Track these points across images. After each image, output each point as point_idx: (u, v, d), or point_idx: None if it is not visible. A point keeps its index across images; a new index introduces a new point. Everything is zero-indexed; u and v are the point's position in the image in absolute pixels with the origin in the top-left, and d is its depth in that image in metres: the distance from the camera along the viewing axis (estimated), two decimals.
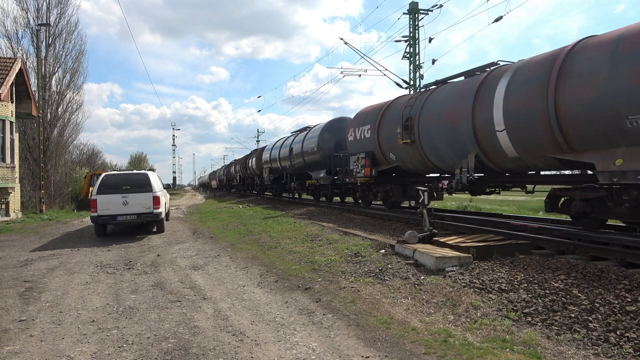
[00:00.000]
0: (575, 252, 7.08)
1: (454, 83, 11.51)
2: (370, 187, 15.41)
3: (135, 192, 12.87)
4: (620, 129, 6.93)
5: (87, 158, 48.54)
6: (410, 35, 24.13)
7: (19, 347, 4.54)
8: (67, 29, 31.68)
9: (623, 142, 7.02)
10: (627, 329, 4.26)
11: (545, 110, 7.95)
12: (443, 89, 11.55)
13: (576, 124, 7.57)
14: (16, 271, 8.36)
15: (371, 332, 4.71)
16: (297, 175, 23.26)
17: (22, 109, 20.52)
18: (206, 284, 7.02)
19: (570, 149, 7.84)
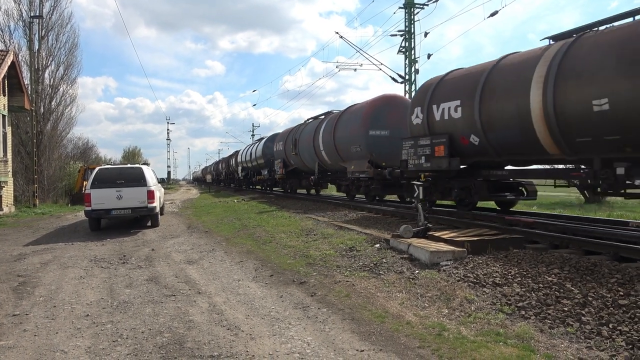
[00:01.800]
0: (568, 246, 7.11)
1: (310, 122, 20.59)
2: (285, 180, 24.23)
3: (129, 186, 12.81)
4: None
5: (81, 152, 48.23)
6: (405, 30, 24.09)
7: (13, 342, 4.52)
8: (60, 22, 31.40)
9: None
10: (619, 323, 4.30)
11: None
12: (307, 125, 20.26)
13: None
14: (9, 266, 8.31)
15: (366, 326, 4.73)
16: (256, 172, 31.14)
17: (15, 102, 20.34)
18: (201, 279, 7.01)
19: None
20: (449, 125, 10.18)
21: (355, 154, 15.58)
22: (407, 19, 24.09)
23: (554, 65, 7.63)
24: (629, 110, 6.53)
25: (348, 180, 16.90)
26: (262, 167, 28.63)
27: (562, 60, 7.51)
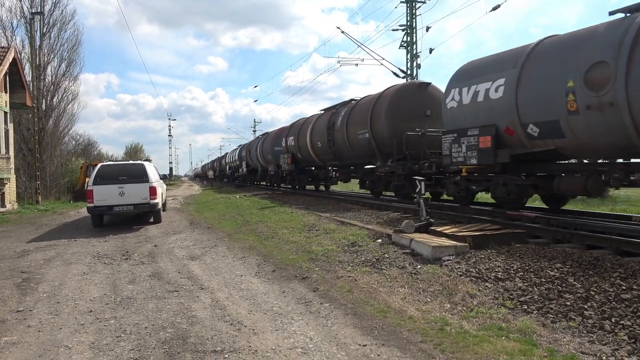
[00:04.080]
0: (571, 240, 7.11)
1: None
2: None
3: (131, 182, 12.82)
4: None
5: (82, 149, 48.24)
6: (407, 24, 24.00)
7: (17, 338, 4.54)
8: (63, 19, 31.41)
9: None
10: (622, 317, 4.30)
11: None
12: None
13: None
14: (13, 262, 8.35)
15: (368, 320, 4.74)
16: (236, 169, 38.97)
17: (17, 99, 20.36)
18: (203, 274, 7.03)
19: None
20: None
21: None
22: (409, 14, 23.98)
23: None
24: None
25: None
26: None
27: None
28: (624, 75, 6.90)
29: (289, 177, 24.16)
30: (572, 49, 7.93)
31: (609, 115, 7.25)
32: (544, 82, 8.27)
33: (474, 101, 9.82)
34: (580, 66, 7.56)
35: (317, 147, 19.49)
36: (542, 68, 8.39)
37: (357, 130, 15.73)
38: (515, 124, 8.86)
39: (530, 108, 8.55)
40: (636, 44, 6.85)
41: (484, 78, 9.67)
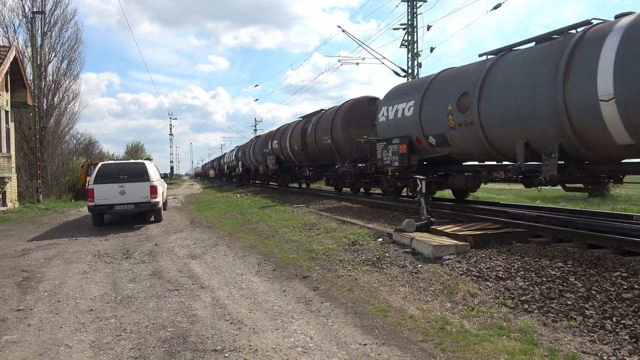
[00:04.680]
0: (572, 240, 7.09)
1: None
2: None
3: (132, 181, 12.83)
4: None
5: (83, 147, 48.26)
6: (408, 23, 23.96)
7: (17, 337, 4.54)
8: (64, 18, 31.42)
9: None
10: (623, 316, 4.29)
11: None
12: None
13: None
14: (14, 261, 8.35)
15: (369, 320, 4.73)
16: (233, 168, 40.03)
17: (18, 98, 20.37)
18: (204, 273, 7.03)
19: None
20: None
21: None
22: (410, 12, 23.94)
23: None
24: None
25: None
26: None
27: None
28: (477, 103, 9.50)
29: (275, 175, 26.69)
30: (452, 82, 10.69)
31: (471, 131, 9.86)
32: (436, 105, 11.00)
33: (395, 117, 12.66)
34: (455, 95, 10.23)
35: (295, 150, 21.96)
36: (436, 94, 11.16)
37: (322, 136, 18.43)
38: (421, 136, 11.61)
39: (429, 124, 11.29)
40: (485, 81, 9.43)
41: (402, 100, 12.51)
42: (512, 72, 8.98)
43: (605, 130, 7.30)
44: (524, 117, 8.56)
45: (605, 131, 7.31)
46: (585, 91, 7.42)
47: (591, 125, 7.51)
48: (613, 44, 7.19)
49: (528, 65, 8.68)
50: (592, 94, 7.29)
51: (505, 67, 9.31)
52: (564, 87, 7.71)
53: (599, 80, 7.21)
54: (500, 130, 9.24)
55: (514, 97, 8.74)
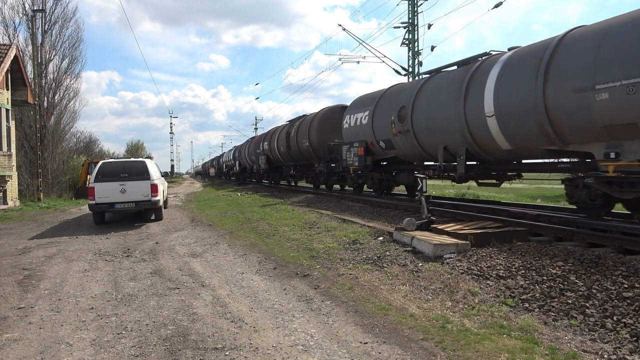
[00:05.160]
0: (573, 239, 7.09)
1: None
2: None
3: (133, 180, 12.83)
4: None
5: (84, 146, 48.37)
6: (409, 22, 23.93)
7: (18, 335, 4.55)
8: (64, 16, 31.43)
9: None
10: (623, 315, 4.29)
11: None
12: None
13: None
14: (14, 259, 8.36)
15: (369, 318, 4.73)
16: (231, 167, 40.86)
17: (18, 96, 20.37)
18: (205, 272, 7.03)
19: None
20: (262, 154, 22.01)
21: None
22: (411, 11, 23.92)
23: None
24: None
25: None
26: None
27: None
28: (410, 115, 11.86)
29: (266, 174, 29.53)
30: (395, 96, 13.09)
31: (408, 137, 12.21)
32: (384, 115, 13.35)
33: (356, 124, 15.14)
34: (396, 107, 12.61)
35: (281, 151, 24.23)
36: (383, 106, 13.51)
37: (302, 139, 20.77)
38: (374, 140, 13.99)
39: (379, 130, 13.66)
40: (417, 97, 11.78)
41: (360, 110, 15.00)
42: (435, 90, 11.26)
43: (492, 139, 9.39)
44: (442, 127, 10.77)
45: (492, 140, 9.40)
46: (477, 108, 9.49)
47: (483, 135, 9.59)
48: (495, 72, 9.23)
49: (445, 85, 10.89)
50: (481, 111, 9.38)
51: (431, 86, 11.61)
52: (464, 105, 9.85)
53: (485, 100, 9.27)
54: (427, 137, 11.52)
55: (436, 111, 10.98)
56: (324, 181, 19.77)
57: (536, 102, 8.15)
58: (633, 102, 6.69)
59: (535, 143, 8.63)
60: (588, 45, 7.47)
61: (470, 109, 9.68)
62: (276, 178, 28.78)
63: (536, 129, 8.38)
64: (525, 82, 8.42)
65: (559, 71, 7.83)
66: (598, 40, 7.35)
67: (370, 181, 15.17)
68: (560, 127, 7.95)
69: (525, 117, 8.49)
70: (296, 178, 25.36)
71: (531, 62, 8.42)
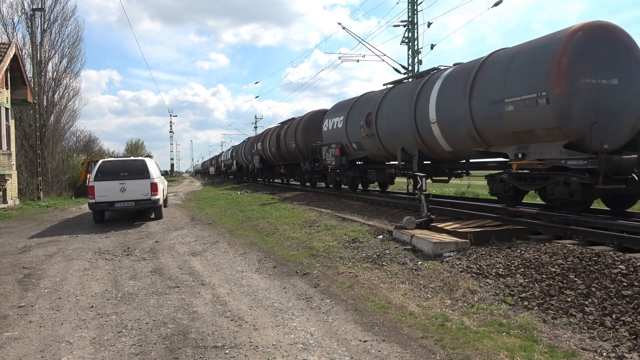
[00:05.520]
0: (572, 237, 7.10)
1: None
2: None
3: (132, 178, 12.84)
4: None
5: (84, 145, 48.36)
6: (408, 20, 23.91)
7: (18, 333, 4.56)
8: (63, 15, 31.42)
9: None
10: (622, 313, 4.29)
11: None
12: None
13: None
14: (14, 258, 8.37)
15: (369, 316, 4.74)
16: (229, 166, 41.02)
17: (18, 95, 20.37)
18: (205, 270, 7.04)
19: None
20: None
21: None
22: (410, 9, 23.89)
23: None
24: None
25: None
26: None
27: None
28: (375, 121, 13.90)
29: (260, 172, 31.49)
30: (364, 104, 15.21)
31: (374, 140, 14.19)
32: (355, 120, 15.43)
33: (333, 128, 17.31)
34: (365, 113, 14.67)
35: (272, 151, 26.20)
36: (355, 112, 15.68)
37: (289, 141, 22.68)
38: (347, 142, 16.13)
39: (351, 134, 15.74)
40: (380, 105, 13.77)
41: (336, 115, 17.23)
42: (394, 100, 13.23)
43: (437, 142, 11.24)
44: (400, 131, 12.68)
45: (437, 143, 11.25)
46: (424, 116, 11.36)
47: (430, 138, 11.47)
48: (437, 86, 11.08)
49: (401, 95, 12.88)
50: (427, 118, 11.25)
51: (391, 96, 13.60)
52: (415, 113, 11.78)
53: (429, 109, 11.15)
54: (388, 140, 13.49)
55: (395, 117, 12.90)
56: (309, 179, 21.89)
57: (465, 112, 9.90)
58: (529, 113, 8.42)
59: (467, 146, 10.46)
60: (501, 67, 9.22)
61: (419, 116, 11.61)
62: (269, 176, 30.77)
63: (466, 134, 10.15)
64: (457, 95, 10.21)
65: (481, 87, 9.59)
66: (508, 63, 9.06)
67: (345, 179, 17.38)
68: (483, 133, 9.71)
69: (458, 124, 10.29)
70: (286, 176, 26.95)
71: (462, 79, 10.21)
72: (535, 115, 8.34)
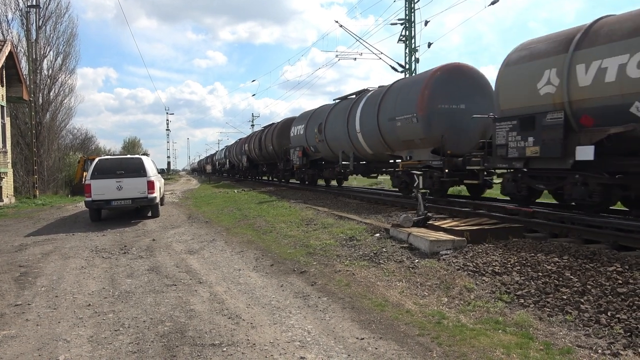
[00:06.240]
0: (568, 235, 7.14)
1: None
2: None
3: (129, 176, 12.80)
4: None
5: (80, 143, 48.14)
6: (406, 18, 23.91)
7: (15, 332, 4.55)
8: (58, 11, 31.23)
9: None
10: (618, 310, 4.32)
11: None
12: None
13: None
14: (11, 256, 8.34)
15: (366, 314, 4.76)
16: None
17: (13, 92, 20.25)
18: (202, 268, 7.04)
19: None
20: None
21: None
22: (408, 7, 23.90)
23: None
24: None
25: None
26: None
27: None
28: (324, 129, 17.91)
29: (247, 170, 35.92)
30: (318, 115, 19.33)
31: (324, 145, 18.23)
32: (311, 128, 19.54)
33: (297, 134, 21.40)
34: (318, 123, 18.72)
35: (256, 152, 30.29)
36: (312, 122, 19.75)
37: (268, 144, 26.78)
38: (307, 146, 20.19)
39: (310, 139, 19.76)
40: (327, 117, 17.72)
41: (299, 123, 21.41)
42: (337, 113, 17.31)
43: (362, 147, 15.32)
44: (339, 138, 16.73)
45: (363, 147, 15.31)
46: (353, 127, 15.48)
47: (358, 144, 15.51)
48: (361, 104, 15.21)
49: (341, 110, 16.96)
50: (355, 129, 15.38)
51: (336, 110, 17.68)
52: (347, 124, 15.86)
53: (356, 122, 15.26)
54: (333, 145, 17.56)
55: (336, 127, 16.92)
56: (283, 176, 25.88)
57: (375, 125, 13.94)
58: (409, 128, 12.36)
59: (381, 150, 14.42)
60: (395, 94, 13.33)
61: (350, 127, 15.72)
62: (254, 174, 35.57)
63: (378, 142, 14.24)
64: (371, 113, 14.24)
65: (384, 107, 13.65)
66: (399, 91, 13.21)
67: (306, 175, 21.39)
68: (387, 141, 13.76)
69: (372, 134, 14.33)
70: (267, 174, 31.41)
71: (375, 101, 14.28)
72: (412, 130, 12.20)
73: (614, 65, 7.09)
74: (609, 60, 7.16)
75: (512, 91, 8.96)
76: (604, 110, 7.31)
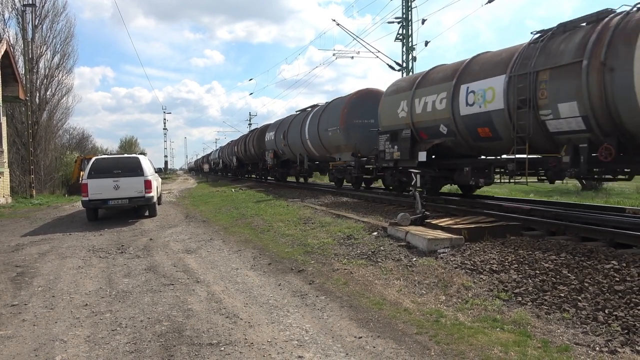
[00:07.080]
0: (565, 233, 7.15)
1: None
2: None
3: (126, 176, 12.76)
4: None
5: (77, 142, 47.98)
6: (403, 17, 23.89)
7: (12, 332, 4.53)
8: (54, 11, 31.10)
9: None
10: (615, 308, 4.33)
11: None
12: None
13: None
14: (7, 256, 8.31)
15: (364, 313, 4.75)
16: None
17: (9, 92, 20.15)
18: (199, 268, 7.02)
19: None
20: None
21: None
22: (404, 6, 23.88)
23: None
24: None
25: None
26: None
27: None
28: (287, 136, 22.55)
29: (237, 169, 39.33)
30: (285, 124, 23.56)
31: (288, 148, 22.82)
32: (279, 134, 23.89)
33: (269, 139, 25.72)
34: (283, 130, 23.20)
35: (242, 153, 34.64)
36: (279, 129, 24.37)
37: (250, 146, 31.08)
38: (277, 149, 24.52)
39: (278, 143, 23.99)
40: (290, 125, 22.53)
41: (272, 130, 25.75)
42: (295, 122, 21.61)
43: (312, 150, 19.68)
44: (296, 143, 21.13)
45: (312, 151, 19.68)
46: (304, 134, 19.91)
47: (308, 148, 19.95)
48: (310, 116, 19.78)
49: (298, 120, 21.48)
50: (306, 136, 19.80)
51: (296, 119, 21.92)
52: (301, 132, 20.31)
53: (306, 131, 19.80)
54: (294, 148, 21.65)
55: (294, 134, 21.21)
56: (262, 174, 31.06)
57: (316, 134, 18.45)
58: (336, 137, 16.91)
59: (323, 153, 18.88)
60: (329, 110, 18.07)
61: (302, 134, 20.11)
62: (242, 173, 39.65)
63: (319, 146, 18.76)
64: (314, 124, 18.80)
65: (322, 119, 18.20)
66: (331, 108, 18.01)
67: (276, 174, 26.04)
68: (325, 146, 18.19)
69: (315, 140, 18.84)
70: (251, 173, 36.20)
71: (317, 114, 18.85)
72: (338, 138, 16.71)
73: (430, 101, 11.24)
74: (428, 97, 11.31)
75: (386, 114, 13.20)
76: (429, 129, 11.38)
